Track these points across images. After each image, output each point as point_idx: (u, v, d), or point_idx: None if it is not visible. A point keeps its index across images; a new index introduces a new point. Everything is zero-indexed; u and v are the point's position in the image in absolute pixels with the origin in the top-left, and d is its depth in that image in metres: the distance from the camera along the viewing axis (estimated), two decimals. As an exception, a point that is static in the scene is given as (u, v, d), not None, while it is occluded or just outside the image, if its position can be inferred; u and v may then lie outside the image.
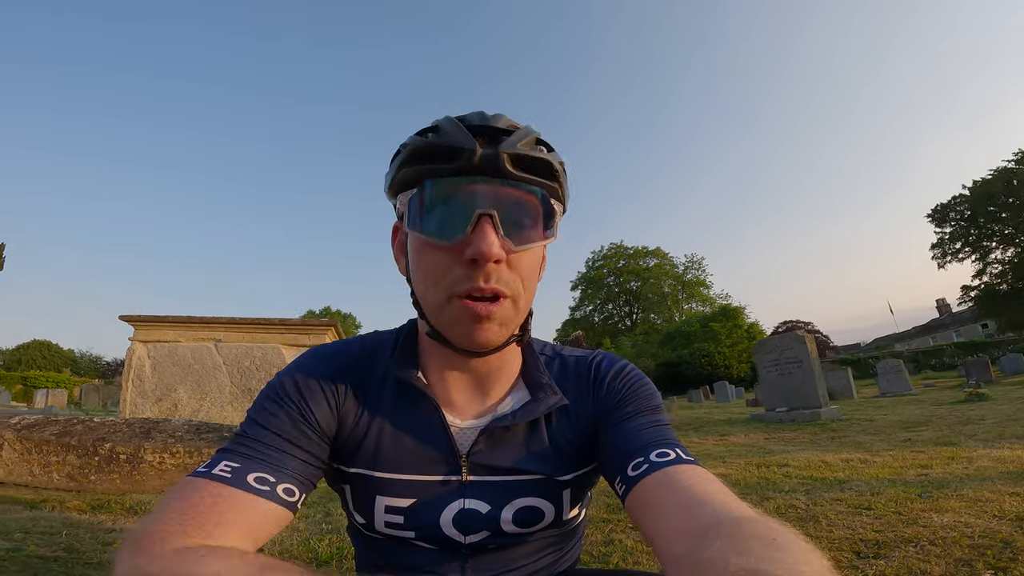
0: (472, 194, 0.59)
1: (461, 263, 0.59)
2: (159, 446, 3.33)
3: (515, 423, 0.69)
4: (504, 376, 0.73)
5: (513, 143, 0.60)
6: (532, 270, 0.65)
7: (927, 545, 1.73)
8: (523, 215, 0.62)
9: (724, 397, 20.15)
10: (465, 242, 0.58)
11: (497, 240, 0.58)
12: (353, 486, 0.70)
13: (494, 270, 0.59)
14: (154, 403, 5.67)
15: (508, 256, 0.60)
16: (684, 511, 0.51)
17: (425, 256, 0.62)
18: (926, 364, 27.66)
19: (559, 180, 0.65)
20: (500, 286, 0.60)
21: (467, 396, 0.72)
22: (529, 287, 0.65)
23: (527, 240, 0.62)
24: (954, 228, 35.56)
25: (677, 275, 56.13)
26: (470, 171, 0.59)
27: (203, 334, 6.04)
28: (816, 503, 2.42)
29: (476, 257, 0.58)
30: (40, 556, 1.67)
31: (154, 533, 0.50)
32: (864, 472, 3.26)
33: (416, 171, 0.61)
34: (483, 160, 0.58)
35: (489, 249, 0.57)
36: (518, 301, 0.63)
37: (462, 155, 0.58)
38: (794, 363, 8.08)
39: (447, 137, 0.60)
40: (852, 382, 13.55)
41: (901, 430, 5.61)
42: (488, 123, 0.62)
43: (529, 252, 0.63)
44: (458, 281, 0.60)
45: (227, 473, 0.57)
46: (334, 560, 1.81)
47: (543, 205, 0.63)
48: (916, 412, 7.42)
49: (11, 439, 3.25)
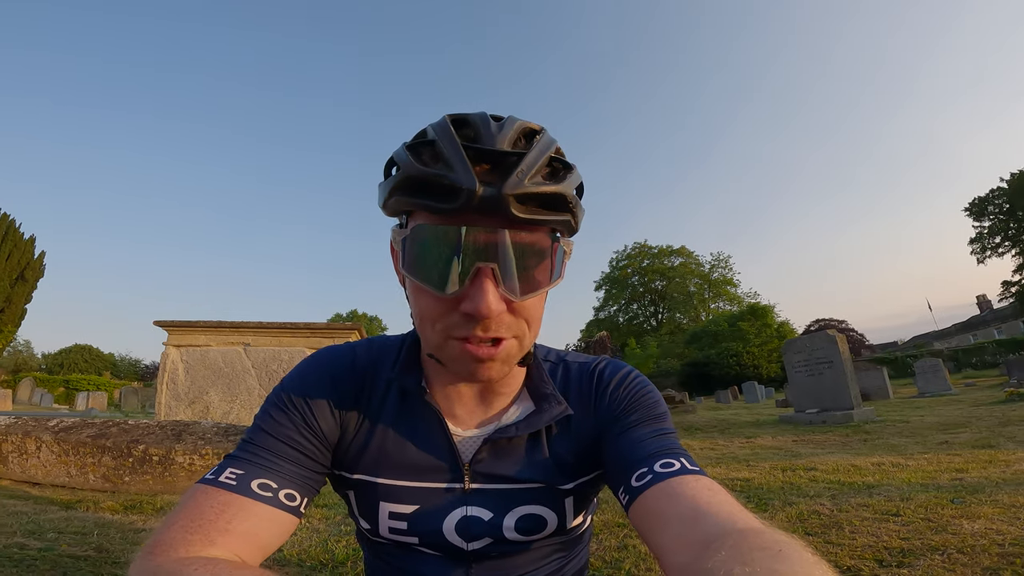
0: (470, 244, 0.53)
1: (459, 312, 0.56)
2: (189, 448, 3.44)
3: (518, 434, 0.68)
4: (508, 387, 0.72)
5: (520, 180, 0.52)
6: (536, 313, 0.62)
7: (954, 553, 1.67)
8: (528, 261, 0.56)
9: (753, 398, 19.74)
10: (462, 296, 0.55)
11: (497, 295, 0.54)
12: (357, 492, 0.72)
13: (494, 321, 0.56)
14: (187, 405, 5.86)
15: (511, 304, 0.57)
16: (688, 522, 0.50)
17: (421, 298, 0.59)
18: (966, 363, 26.54)
19: (573, 211, 0.58)
20: (501, 332, 0.57)
21: (470, 407, 0.72)
22: (534, 325, 0.62)
23: (532, 288, 0.56)
24: (993, 222, 34.31)
25: (703, 274, 55.26)
26: (468, 211, 0.52)
27: (233, 338, 6.21)
28: (841, 509, 2.35)
29: (473, 314, 0.54)
30: (71, 555, 1.74)
31: (163, 542, 0.53)
32: (895, 476, 3.15)
33: (409, 203, 0.56)
34: (483, 203, 0.51)
35: (488, 309, 0.53)
36: (523, 340, 0.61)
37: (459, 195, 0.51)
38: (824, 363, 7.86)
39: (443, 170, 0.53)
40: (888, 382, 13.13)
41: (938, 432, 5.41)
42: (493, 145, 0.54)
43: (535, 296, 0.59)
44: (455, 327, 0.57)
45: (232, 480, 0.59)
46: (349, 561, 1.84)
47: (551, 246, 0.57)
48: (955, 413, 7.13)
49: (49, 441, 3.40)
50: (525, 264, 0.55)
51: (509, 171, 0.52)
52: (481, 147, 0.53)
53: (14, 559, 1.67)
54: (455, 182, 0.51)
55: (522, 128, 0.58)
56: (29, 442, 3.42)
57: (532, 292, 0.56)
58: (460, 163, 0.52)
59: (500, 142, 0.54)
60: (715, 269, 55.43)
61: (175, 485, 3.32)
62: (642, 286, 57.22)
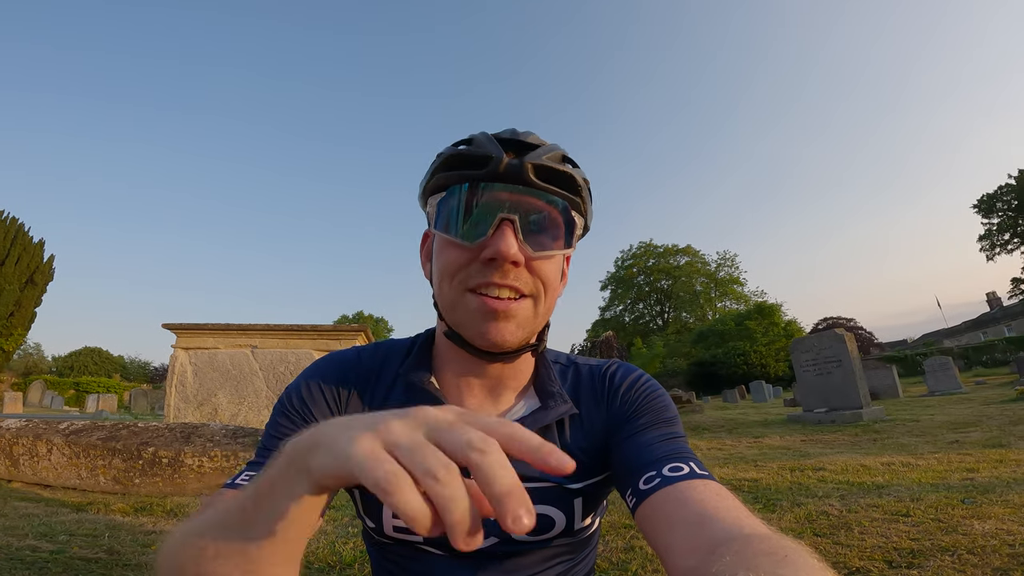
0: (496, 200, 0.62)
1: (479, 261, 0.62)
2: (198, 450, 3.47)
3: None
4: (516, 383, 0.74)
5: (538, 155, 0.63)
6: (552, 277, 0.67)
7: (964, 554, 1.66)
8: (543, 224, 0.64)
9: (761, 397, 19.62)
10: (486, 243, 0.61)
11: (516, 243, 0.61)
12: (362, 491, 0.71)
13: (511, 270, 0.62)
14: (196, 407, 5.90)
15: (527, 262, 0.63)
16: (694, 527, 0.50)
17: (446, 253, 0.65)
18: (977, 360, 26.25)
19: (581, 195, 0.67)
20: (519, 284, 0.62)
21: (478, 401, 0.73)
22: (551, 292, 0.67)
23: (546, 247, 0.64)
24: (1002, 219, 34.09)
25: (709, 273, 55.07)
26: (496, 178, 0.62)
27: (240, 340, 6.26)
28: (850, 509, 2.34)
29: (495, 256, 0.60)
30: (82, 558, 1.76)
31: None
32: (905, 476, 3.13)
33: (447, 176, 0.65)
34: (508, 168, 0.62)
35: (508, 249, 0.60)
36: (538, 303, 0.65)
37: (489, 163, 0.62)
38: (833, 362, 7.81)
39: (477, 146, 0.64)
40: (898, 381, 13.02)
41: (948, 431, 5.36)
42: (517, 138, 0.65)
43: (549, 261, 0.65)
44: (475, 276, 0.62)
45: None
46: (356, 563, 1.85)
47: (563, 216, 0.65)
48: (965, 412, 7.07)
49: (60, 444, 3.44)
50: (541, 226, 0.64)
51: (529, 152, 0.64)
52: (509, 138, 0.65)
53: (26, 561, 1.69)
54: (485, 152, 0.62)
55: (540, 139, 0.68)
56: (40, 445, 3.46)
57: (545, 250, 0.64)
58: (491, 143, 0.63)
59: (524, 139, 0.65)
60: (721, 268, 55.23)
61: (184, 487, 3.35)
62: (648, 286, 57.11)
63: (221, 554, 0.45)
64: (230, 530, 0.46)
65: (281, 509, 0.43)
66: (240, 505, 0.47)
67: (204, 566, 0.45)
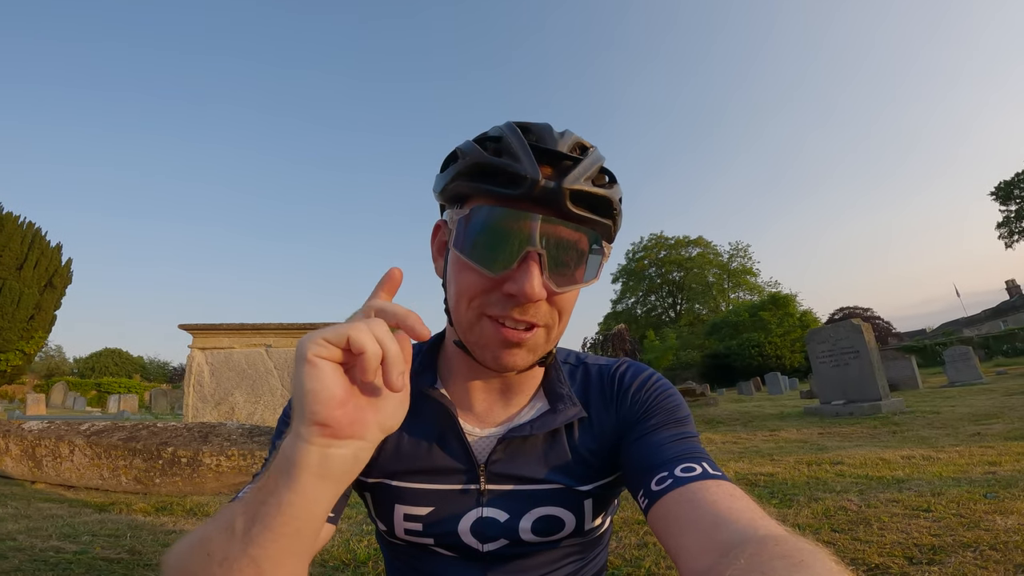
0: (524, 230, 0.57)
1: (500, 292, 0.59)
2: (216, 449, 3.52)
3: (532, 433, 0.69)
4: (525, 387, 0.73)
5: (578, 177, 0.58)
6: (569, 307, 0.65)
7: (987, 550, 1.63)
8: (571, 256, 0.60)
9: (776, 389, 19.45)
10: (509, 276, 0.58)
11: (541, 280, 0.57)
12: (373, 495, 0.72)
13: (532, 306, 0.60)
14: (213, 407, 5.98)
15: (548, 296, 0.60)
16: (708, 528, 0.50)
17: (464, 276, 0.62)
18: (997, 350, 25.67)
19: (615, 218, 0.64)
20: (536, 319, 0.61)
21: (486, 405, 0.72)
22: (564, 319, 0.65)
23: (570, 282, 0.61)
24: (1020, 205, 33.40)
25: (722, 264, 54.54)
26: (527, 201, 0.58)
27: (255, 340, 6.33)
28: (870, 504, 2.30)
29: (518, 295, 0.57)
30: (104, 558, 1.80)
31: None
32: (926, 470, 3.08)
33: (471, 187, 0.61)
34: (543, 193, 0.57)
35: (532, 291, 0.57)
36: (551, 331, 0.64)
37: (523, 184, 0.56)
38: (850, 353, 7.69)
39: (510, 160, 0.58)
40: (917, 371, 12.81)
41: (969, 423, 5.27)
42: (555, 147, 0.59)
43: (570, 292, 0.63)
44: (493, 305, 0.60)
45: None
46: (371, 561, 1.87)
47: (592, 247, 0.61)
48: (986, 403, 6.94)
49: (81, 445, 3.51)
50: (568, 259, 0.60)
51: (568, 171, 0.58)
52: (544, 147, 0.59)
53: (50, 563, 1.73)
54: (520, 171, 0.56)
55: (577, 141, 0.63)
56: (62, 446, 3.54)
57: (570, 286, 0.61)
58: (526, 156, 0.57)
59: (561, 147, 0.60)
60: (734, 258, 54.67)
61: (203, 486, 3.40)
62: (659, 277, 56.72)
63: (228, 559, 0.44)
64: (234, 532, 0.45)
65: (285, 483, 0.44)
66: (244, 505, 0.47)
67: (211, 572, 0.45)
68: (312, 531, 0.47)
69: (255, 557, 0.44)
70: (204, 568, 0.45)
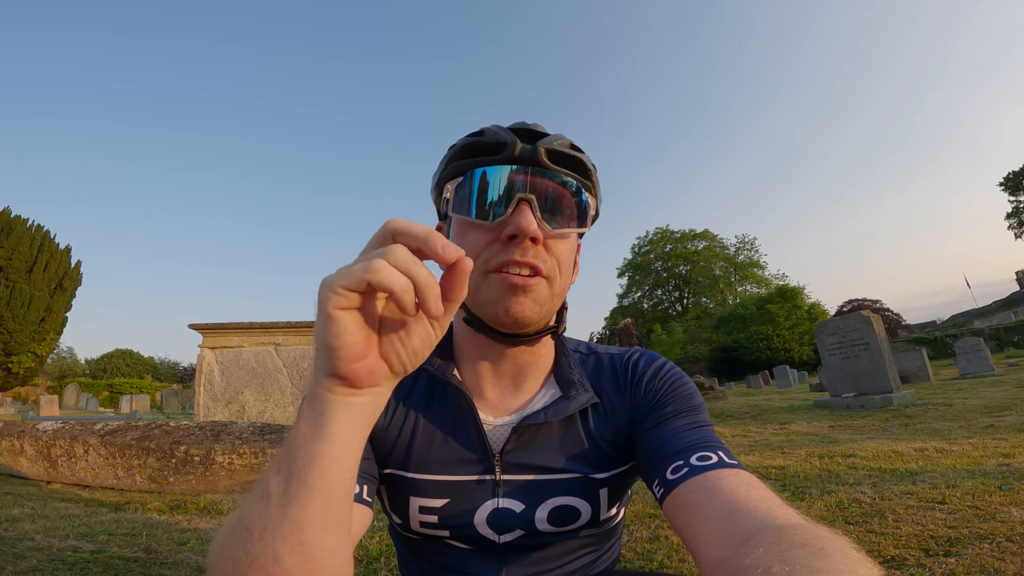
0: (512, 182, 0.65)
1: (500, 240, 0.64)
2: (228, 448, 3.55)
3: (547, 421, 0.68)
4: (536, 371, 0.74)
5: (550, 141, 0.67)
6: (567, 258, 0.68)
7: (1003, 542, 1.61)
8: (558, 204, 0.66)
9: (785, 382, 19.35)
10: (505, 222, 0.63)
11: (535, 220, 0.62)
12: (388, 487, 0.72)
13: (530, 247, 0.63)
14: (224, 406, 6.03)
15: (544, 240, 0.65)
16: (725, 517, 0.49)
17: (466, 236, 0.66)
18: (1009, 341, 25.42)
19: (591, 178, 0.70)
20: (537, 262, 0.64)
21: (499, 391, 0.73)
22: (564, 273, 0.68)
23: (562, 226, 0.66)
24: (1029, 196, 33.01)
25: (728, 257, 54.30)
26: (511, 161, 0.66)
27: (264, 339, 6.36)
28: (884, 497, 2.29)
29: (515, 233, 0.62)
30: (121, 557, 1.82)
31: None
32: (939, 463, 3.05)
33: (464, 163, 0.68)
34: (523, 152, 0.65)
35: (528, 226, 0.61)
36: (553, 282, 0.66)
37: (505, 148, 0.65)
38: (860, 345, 7.64)
39: (491, 135, 0.67)
40: (928, 363, 12.72)
41: (982, 415, 5.22)
42: (527, 127, 0.70)
43: (564, 241, 0.67)
44: (495, 256, 0.64)
45: None
46: (383, 557, 1.87)
47: (576, 197, 0.67)
48: (999, 395, 6.88)
49: (96, 444, 3.55)
50: (556, 207, 0.66)
51: (541, 137, 0.68)
52: (519, 128, 0.70)
53: (68, 562, 1.75)
54: (500, 139, 0.66)
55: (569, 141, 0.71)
56: (77, 446, 3.57)
57: (561, 229, 0.66)
58: (504, 131, 0.68)
59: (534, 128, 0.70)
60: (740, 251, 54.45)
61: (216, 484, 3.43)
62: (666, 271, 56.60)
63: (268, 528, 0.43)
64: (270, 498, 0.44)
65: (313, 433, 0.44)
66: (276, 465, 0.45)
67: (253, 548, 0.43)
68: (345, 491, 0.45)
69: (296, 521, 0.42)
70: (245, 547, 0.43)
